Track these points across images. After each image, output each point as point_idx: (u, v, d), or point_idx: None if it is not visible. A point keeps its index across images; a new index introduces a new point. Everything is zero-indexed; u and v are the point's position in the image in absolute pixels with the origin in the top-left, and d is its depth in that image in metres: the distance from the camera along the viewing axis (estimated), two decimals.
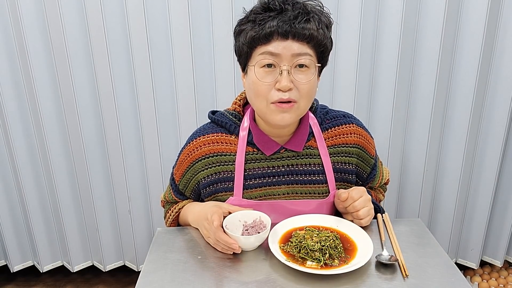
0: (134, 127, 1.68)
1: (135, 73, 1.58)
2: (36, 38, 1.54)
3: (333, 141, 1.06)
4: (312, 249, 0.88)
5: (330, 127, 1.07)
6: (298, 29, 0.87)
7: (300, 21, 0.87)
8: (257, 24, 0.89)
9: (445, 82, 1.56)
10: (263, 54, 0.90)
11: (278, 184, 1.04)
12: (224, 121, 1.05)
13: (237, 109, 1.07)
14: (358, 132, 1.07)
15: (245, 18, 0.93)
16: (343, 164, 1.07)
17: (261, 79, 0.91)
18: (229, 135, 1.05)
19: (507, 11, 1.46)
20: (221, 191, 1.05)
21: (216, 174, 1.04)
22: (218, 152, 1.04)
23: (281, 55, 0.89)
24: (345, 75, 1.57)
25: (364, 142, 1.08)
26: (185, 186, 1.11)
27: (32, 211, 1.80)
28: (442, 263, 0.90)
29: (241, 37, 0.93)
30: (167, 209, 1.20)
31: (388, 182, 1.27)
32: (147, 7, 1.49)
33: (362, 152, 1.08)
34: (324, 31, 0.91)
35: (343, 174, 1.08)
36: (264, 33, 0.88)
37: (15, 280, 2.02)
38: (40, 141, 1.70)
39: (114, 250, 1.91)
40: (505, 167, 1.70)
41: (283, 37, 0.88)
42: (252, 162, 1.04)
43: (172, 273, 0.88)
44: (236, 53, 0.99)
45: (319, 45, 0.91)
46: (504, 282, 1.81)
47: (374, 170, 1.13)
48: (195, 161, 1.06)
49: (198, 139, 1.06)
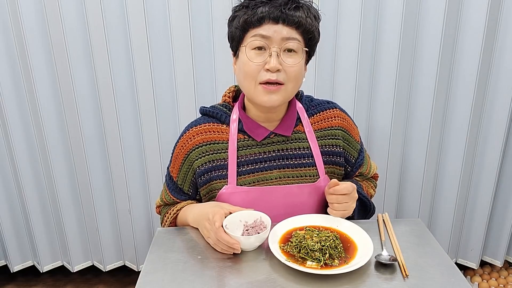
0: (134, 127, 1.68)
1: (135, 73, 1.58)
2: (36, 38, 1.54)
3: (319, 125, 1.11)
4: (312, 249, 0.88)
5: (315, 112, 1.12)
6: (288, 15, 0.94)
7: (290, 8, 0.94)
8: (250, 9, 0.96)
9: (445, 82, 1.56)
10: (255, 36, 0.96)
11: (270, 169, 1.07)
12: (215, 111, 1.11)
13: (227, 100, 1.12)
14: (341, 116, 1.13)
15: (239, 6, 1.00)
16: (330, 146, 1.11)
17: (252, 60, 0.96)
18: (220, 125, 1.10)
19: (507, 11, 1.46)
20: (216, 179, 1.07)
21: (210, 162, 1.07)
22: (211, 140, 1.08)
23: (271, 38, 0.94)
24: (345, 75, 1.58)
25: (347, 125, 1.14)
26: (183, 179, 1.12)
27: (32, 211, 1.80)
28: (442, 263, 0.90)
29: (235, 22, 1.00)
30: (164, 212, 1.18)
31: (377, 177, 1.30)
32: (147, 7, 1.49)
33: (347, 134, 1.13)
34: (312, 20, 0.98)
35: (331, 156, 1.12)
36: (256, 17, 0.95)
37: (15, 280, 2.02)
38: (40, 141, 1.70)
39: (114, 250, 1.91)
40: (505, 167, 1.70)
41: (274, 21, 0.94)
42: (244, 148, 1.08)
43: (172, 273, 0.88)
44: (229, 39, 1.04)
45: (307, 32, 0.98)
46: (504, 282, 1.81)
47: (361, 155, 1.17)
48: (189, 151, 1.08)
49: (191, 130, 1.10)
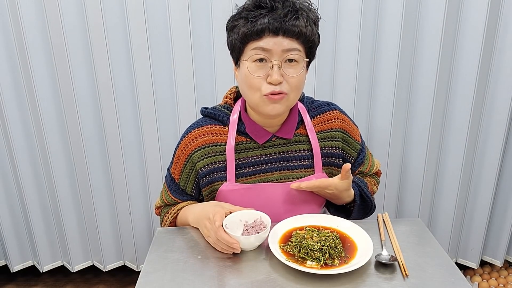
0: (134, 127, 1.68)
1: (135, 73, 1.58)
2: (36, 38, 1.54)
3: (319, 127, 1.12)
4: (312, 249, 0.88)
5: (316, 114, 1.13)
6: (288, 26, 0.92)
7: (290, 19, 0.92)
8: (249, 21, 0.94)
9: (445, 82, 1.56)
10: (255, 50, 0.95)
11: (271, 170, 1.09)
12: (216, 113, 1.10)
13: (228, 101, 1.13)
14: (341, 118, 1.14)
15: (238, 15, 0.98)
16: (329, 148, 1.12)
17: (253, 73, 0.96)
18: (222, 127, 1.10)
19: (507, 11, 1.46)
20: (217, 180, 1.08)
21: (212, 164, 1.08)
22: (213, 142, 1.08)
23: (272, 50, 0.93)
24: (345, 75, 1.58)
25: (347, 126, 1.14)
26: (186, 181, 1.12)
27: (32, 211, 1.80)
28: (442, 263, 0.90)
29: (234, 32, 0.98)
30: (164, 213, 1.18)
31: (380, 174, 1.31)
32: (147, 7, 1.49)
33: (346, 136, 1.14)
34: (312, 27, 0.97)
35: (330, 158, 1.13)
36: (256, 29, 0.93)
37: (15, 280, 2.02)
38: (40, 141, 1.70)
39: (114, 250, 1.91)
40: (505, 167, 1.70)
41: (274, 33, 0.93)
42: (245, 151, 1.08)
43: (172, 273, 0.88)
44: (229, 47, 1.03)
45: (308, 41, 0.97)
46: (504, 282, 1.80)
47: (361, 155, 1.18)
48: (192, 152, 1.09)
49: (193, 132, 1.10)
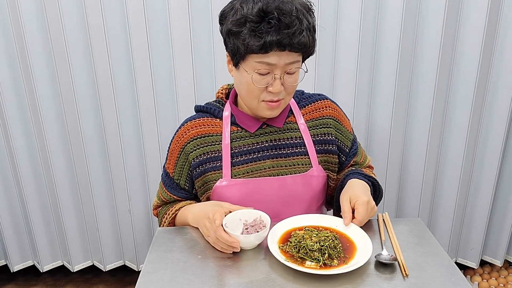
0: (134, 126, 1.68)
1: (135, 73, 1.58)
2: (36, 38, 1.54)
3: (311, 115, 1.14)
4: (311, 249, 0.88)
5: (306, 104, 1.15)
6: (295, 44, 0.93)
7: (297, 35, 0.92)
8: (256, 35, 0.91)
9: (445, 82, 1.56)
10: (261, 63, 0.95)
11: (263, 159, 1.10)
12: (209, 107, 1.14)
13: (220, 96, 1.16)
14: (332, 107, 1.16)
15: (241, 20, 0.92)
16: (322, 135, 1.13)
17: (256, 84, 0.98)
18: (214, 119, 1.13)
19: (507, 10, 1.46)
20: (210, 170, 1.09)
21: (205, 154, 1.10)
22: (205, 133, 1.11)
23: (276, 64, 0.95)
24: (345, 75, 1.58)
25: (338, 115, 1.16)
26: (180, 173, 1.14)
27: (32, 211, 1.80)
28: (442, 262, 0.90)
29: (237, 39, 0.94)
30: (162, 213, 1.18)
31: (372, 169, 1.29)
32: (147, 7, 1.49)
33: (338, 124, 1.15)
34: (314, 37, 0.98)
35: (323, 145, 1.14)
36: (264, 46, 0.91)
37: (15, 280, 2.02)
38: (40, 141, 1.70)
39: (114, 250, 1.91)
40: (505, 167, 1.70)
41: (281, 49, 0.93)
42: (237, 140, 1.10)
43: (172, 273, 0.88)
44: (228, 48, 0.99)
45: (308, 52, 0.99)
46: (504, 282, 1.80)
47: (354, 145, 1.20)
48: (185, 144, 1.11)
49: (185, 125, 1.13)
